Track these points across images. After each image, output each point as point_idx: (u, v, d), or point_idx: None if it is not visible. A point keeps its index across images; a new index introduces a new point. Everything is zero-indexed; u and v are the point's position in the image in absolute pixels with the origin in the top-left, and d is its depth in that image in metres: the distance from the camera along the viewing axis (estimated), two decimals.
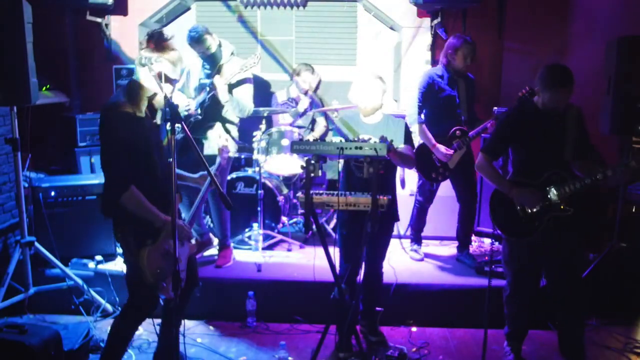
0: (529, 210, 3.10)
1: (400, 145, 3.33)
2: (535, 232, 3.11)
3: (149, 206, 2.63)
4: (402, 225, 4.71)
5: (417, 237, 4.58)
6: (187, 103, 4.07)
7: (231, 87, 4.03)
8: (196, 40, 3.99)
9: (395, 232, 3.56)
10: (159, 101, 2.76)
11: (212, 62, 4.11)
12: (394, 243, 3.60)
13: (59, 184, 4.14)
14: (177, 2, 5.57)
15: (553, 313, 3.67)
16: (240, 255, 4.44)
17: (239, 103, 4.08)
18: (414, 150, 4.32)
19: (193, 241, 3.00)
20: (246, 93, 4.12)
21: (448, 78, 4.21)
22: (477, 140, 4.59)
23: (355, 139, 3.28)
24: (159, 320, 3.05)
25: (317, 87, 5.33)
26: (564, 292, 3.20)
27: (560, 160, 3.10)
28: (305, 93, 5.35)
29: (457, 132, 4.17)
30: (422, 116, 4.23)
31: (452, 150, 4.14)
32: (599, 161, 3.18)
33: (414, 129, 4.28)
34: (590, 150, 3.16)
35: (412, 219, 4.58)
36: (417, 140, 4.62)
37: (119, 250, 3.99)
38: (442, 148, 4.13)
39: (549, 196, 3.07)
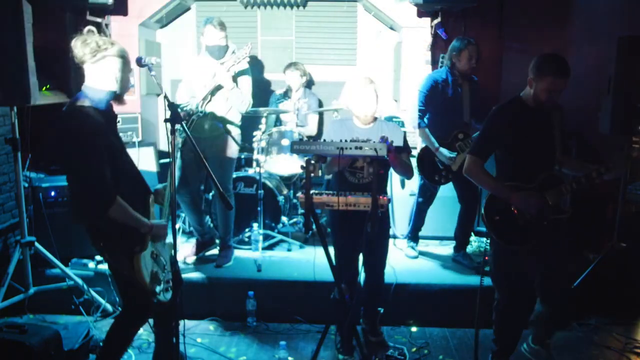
0: (529, 216, 2.88)
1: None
2: (533, 238, 2.90)
3: (134, 214, 2.53)
4: (402, 224, 4.72)
5: (414, 236, 4.58)
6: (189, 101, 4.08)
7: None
8: (221, 24, 4.05)
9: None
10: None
11: (217, 56, 4.10)
12: (389, 243, 3.59)
13: (59, 184, 4.14)
14: (177, 2, 5.57)
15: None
16: (240, 255, 4.44)
17: (241, 93, 4.06)
18: (418, 153, 4.31)
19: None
20: (246, 84, 4.11)
21: (452, 81, 4.18)
22: None
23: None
24: None
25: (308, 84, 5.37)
26: (550, 296, 3.04)
27: (553, 160, 2.94)
28: (297, 90, 5.37)
29: (459, 135, 4.14)
30: (425, 120, 4.21)
31: (455, 154, 4.11)
32: (583, 160, 3.04)
33: (418, 132, 4.28)
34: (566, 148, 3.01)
35: (412, 218, 4.58)
36: (419, 143, 4.63)
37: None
38: (445, 152, 4.11)
39: (547, 199, 2.86)
